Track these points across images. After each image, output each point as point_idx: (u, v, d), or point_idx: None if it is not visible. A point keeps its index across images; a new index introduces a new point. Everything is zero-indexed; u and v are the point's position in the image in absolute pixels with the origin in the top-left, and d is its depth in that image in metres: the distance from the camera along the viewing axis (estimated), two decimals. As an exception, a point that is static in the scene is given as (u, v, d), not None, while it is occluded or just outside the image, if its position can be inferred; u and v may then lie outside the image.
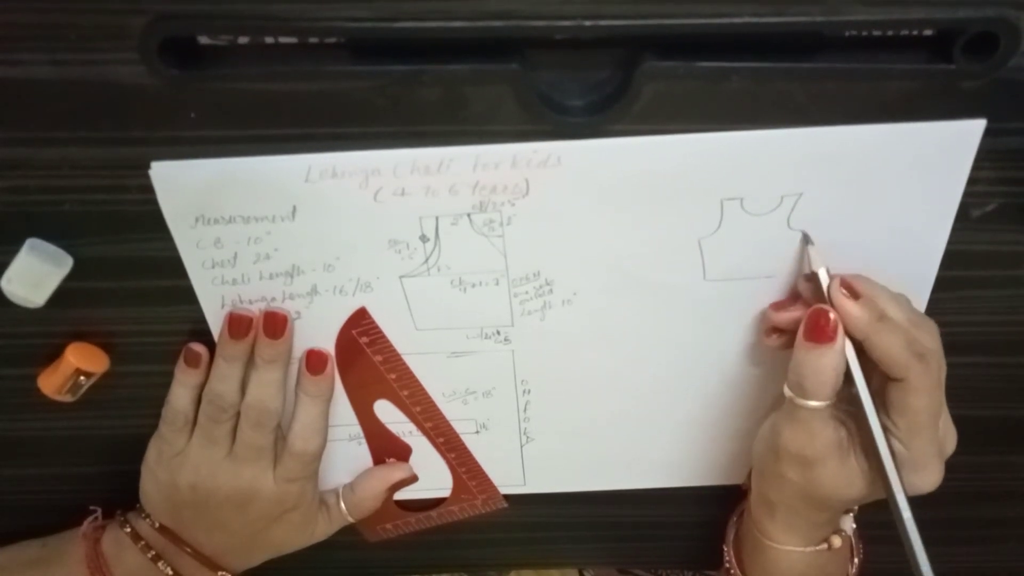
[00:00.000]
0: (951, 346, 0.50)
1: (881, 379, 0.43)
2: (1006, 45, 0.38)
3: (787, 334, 0.46)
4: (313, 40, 0.39)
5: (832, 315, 0.42)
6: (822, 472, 0.44)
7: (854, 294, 0.42)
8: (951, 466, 0.56)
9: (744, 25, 0.37)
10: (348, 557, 0.60)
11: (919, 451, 0.43)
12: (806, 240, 0.44)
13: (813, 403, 0.43)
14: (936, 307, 0.47)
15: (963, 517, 0.60)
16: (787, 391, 0.44)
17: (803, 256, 0.45)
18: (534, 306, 0.47)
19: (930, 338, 0.43)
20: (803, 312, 0.44)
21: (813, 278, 0.44)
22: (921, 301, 0.47)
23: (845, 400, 0.44)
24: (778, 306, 0.46)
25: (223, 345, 0.47)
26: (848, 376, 0.43)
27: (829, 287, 0.43)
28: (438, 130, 0.41)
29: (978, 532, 0.61)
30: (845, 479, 0.44)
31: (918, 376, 0.41)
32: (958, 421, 0.54)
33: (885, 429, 0.43)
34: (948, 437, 0.45)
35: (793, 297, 0.46)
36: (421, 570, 0.63)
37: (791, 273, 0.46)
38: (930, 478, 0.44)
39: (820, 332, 0.42)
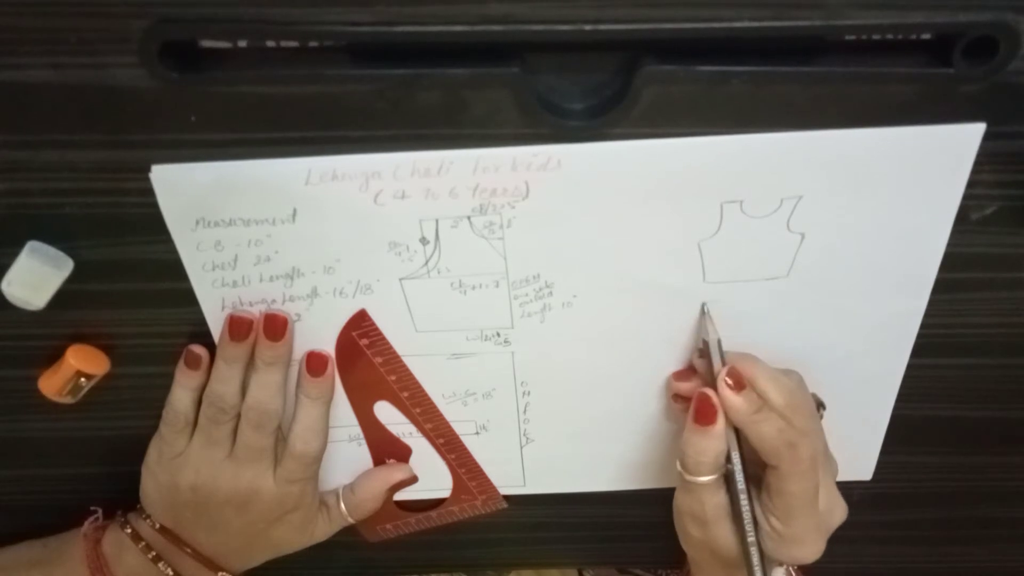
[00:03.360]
0: (951, 348, 0.50)
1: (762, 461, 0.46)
2: (1005, 49, 0.38)
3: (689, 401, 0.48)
4: (313, 44, 0.39)
5: (714, 400, 0.45)
6: (717, 532, 0.47)
7: (738, 384, 0.44)
8: (952, 466, 0.57)
9: (744, 29, 0.37)
10: (348, 557, 0.60)
11: (796, 528, 0.45)
12: (704, 311, 0.47)
13: (698, 479, 0.46)
14: (935, 309, 0.48)
15: (963, 517, 0.60)
16: (677, 465, 0.47)
17: (700, 325, 0.48)
18: (534, 308, 0.47)
19: (805, 420, 0.45)
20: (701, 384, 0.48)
21: (705, 351, 0.47)
22: (921, 303, 0.47)
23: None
24: (679, 376, 0.50)
25: (223, 347, 0.47)
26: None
27: (717, 374, 0.45)
28: (438, 133, 0.41)
29: (978, 532, 0.61)
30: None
31: (789, 464, 0.44)
32: (958, 421, 0.54)
33: (765, 507, 0.46)
34: (834, 510, 0.48)
35: (692, 368, 0.49)
36: (421, 570, 0.63)
37: (790, 274, 0.46)
38: (809, 551, 0.47)
39: (702, 415, 0.45)
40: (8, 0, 0.37)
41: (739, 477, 0.45)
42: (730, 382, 0.45)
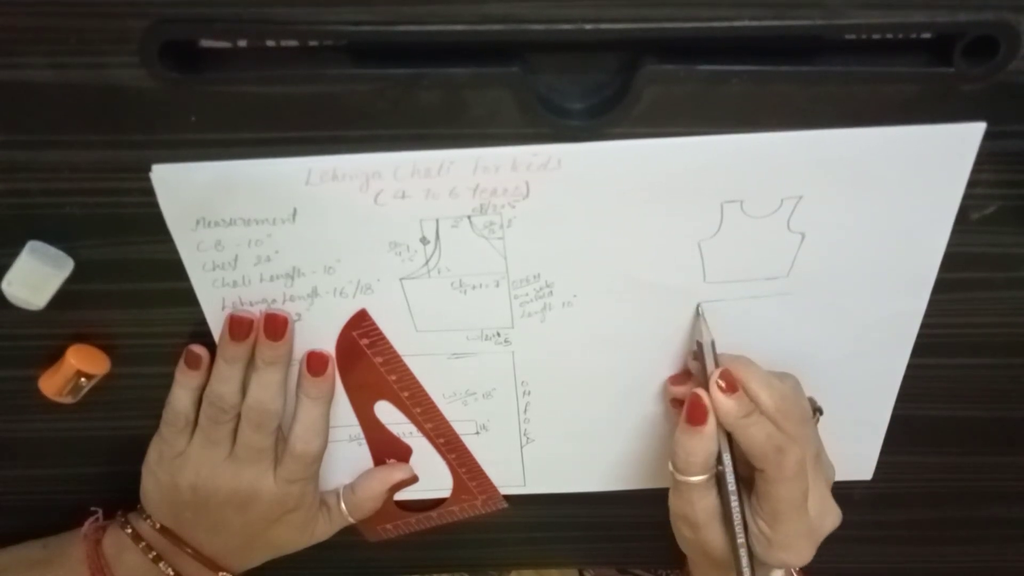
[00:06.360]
0: (951, 347, 0.50)
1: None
2: (1006, 49, 0.38)
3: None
4: (313, 43, 0.39)
5: (705, 400, 0.45)
6: (707, 534, 0.47)
7: (730, 387, 0.45)
8: (952, 466, 0.57)
9: (744, 28, 0.37)
10: (348, 557, 0.60)
11: (783, 532, 0.45)
12: (699, 312, 0.47)
13: (689, 479, 0.46)
14: (935, 309, 0.48)
15: (963, 517, 0.60)
16: (669, 466, 0.47)
17: (694, 327, 0.48)
18: (534, 308, 0.47)
19: (795, 426, 0.45)
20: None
21: (699, 353, 0.46)
22: (921, 303, 0.47)
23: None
24: (675, 379, 0.50)
25: (224, 347, 0.47)
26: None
27: (711, 376, 0.45)
28: (438, 133, 0.41)
29: (978, 532, 0.61)
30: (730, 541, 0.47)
31: (775, 469, 0.44)
32: (958, 421, 0.54)
33: (754, 510, 0.46)
34: (826, 516, 0.48)
35: (688, 372, 0.49)
36: (421, 570, 0.63)
37: (790, 274, 0.46)
38: (797, 556, 0.47)
39: (694, 416, 0.45)
40: (8, 0, 0.37)
41: (730, 479, 0.45)
42: (722, 384, 0.45)
